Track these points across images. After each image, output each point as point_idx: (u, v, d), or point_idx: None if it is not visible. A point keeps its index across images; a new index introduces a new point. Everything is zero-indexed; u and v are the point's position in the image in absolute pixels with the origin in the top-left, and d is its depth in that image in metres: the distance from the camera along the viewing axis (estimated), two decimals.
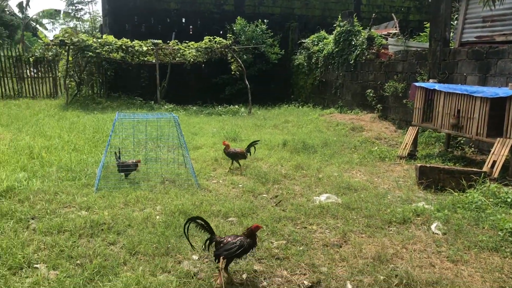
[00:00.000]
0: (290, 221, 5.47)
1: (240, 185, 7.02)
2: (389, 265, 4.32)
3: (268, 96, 20.97)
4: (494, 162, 7.08)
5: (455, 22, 12.61)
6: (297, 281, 4.05)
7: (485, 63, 9.62)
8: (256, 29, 19.75)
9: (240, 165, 8.00)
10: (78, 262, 4.24)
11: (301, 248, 4.69)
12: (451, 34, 11.82)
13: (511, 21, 10.02)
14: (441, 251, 4.66)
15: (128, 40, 16.85)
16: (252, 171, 7.73)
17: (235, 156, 7.93)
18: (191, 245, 4.25)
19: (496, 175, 6.90)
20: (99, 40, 16.66)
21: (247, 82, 17.31)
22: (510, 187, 6.54)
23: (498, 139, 7.31)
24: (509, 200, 5.87)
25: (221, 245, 3.91)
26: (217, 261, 3.96)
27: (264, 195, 6.56)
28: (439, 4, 10.90)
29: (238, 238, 3.94)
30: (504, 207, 5.74)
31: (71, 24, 37.64)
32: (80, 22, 37.06)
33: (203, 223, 4.00)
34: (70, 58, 17.17)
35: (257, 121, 14.18)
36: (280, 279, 4.09)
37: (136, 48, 16.67)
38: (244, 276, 4.10)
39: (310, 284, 3.98)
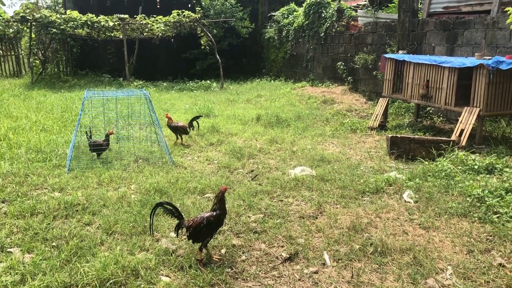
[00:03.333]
0: (266, 195, 5.53)
1: (216, 161, 7.02)
2: (364, 234, 4.43)
3: (239, 70, 20.82)
4: (462, 130, 7.28)
5: None
6: (275, 253, 4.12)
7: (452, 34, 9.77)
8: (225, 3, 19.42)
9: (181, 139, 8.01)
10: (53, 244, 4.19)
11: (278, 221, 4.76)
12: (420, 5, 11.91)
13: None
14: (413, 219, 4.81)
15: (93, 15, 16.31)
16: (227, 147, 7.72)
17: (176, 130, 7.91)
18: (152, 233, 4.26)
19: (464, 143, 7.11)
20: (62, 16, 16.07)
21: (218, 56, 17.11)
22: (477, 154, 6.75)
23: (466, 108, 7.50)
24: (476, 167, 6.06)
25: (191, 229, 3.87)
26: (192, 242, 3.98)
27: (240, 170, 6.58)
28: None
29: (205, 216, 3.89)
30: (471, 174, 5.93)
31: None
32: None
33: (171, 208, 3.93)
34: (33, 35, 16.54)
35: (230, 96, 14.11)
36: (258, 252, 4.14)
37: (102, 23, 16.17)
38: (223, 251, 4.14)
39: (288, 255, 4.06)
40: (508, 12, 6.24)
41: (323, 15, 15.08)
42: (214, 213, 3.91)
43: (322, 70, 15.60)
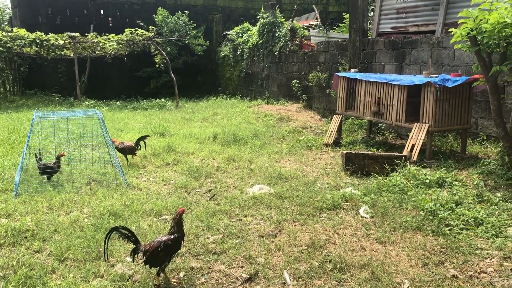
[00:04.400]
0: (225, 215, 5.47)
1: (172, 181, 6.90)
2: (322, 251, 4.46)
3: (195, 88, 20.76)
4: (413, 145, 7.54)
5: (372, 13, 13.21)
6: (235, 274, 4.07)
7: (401, 53, 10.18)
8: (178, 21, 19.41)
9: (127, 160, 7.89)
10: (0, 274, 3.95)
11: (237, 241, 4.71)
12: (369, 25, 12.36)
13: (422, 12, 10.67)
14: (370, 234, 4.89)
15: (43, 33, 15.84)
16: (183, 166, 7.62)
17: (123, 151, 7.78)
18: (106, 258, 4.11)
19: (415, 158, 7.35)
20: (9, 33, 15.50)
21: (172, 75, 16.98)
22: (428, 168, 6.99)
23: (416, 124, 7.78)
24: (427, 181, 6.28)
25: (148, 253, 3.76)
26: (149, 267, 3.87)
27: (198, 190, 6.50)
28: None
29: (163, 240, 3.80)
30: (423, 188, 6.13)
31: None
32: None
33: (126, 232, 3.83)
34: None
35: (186, 115, 14.00)
36: (218, 274, 4.08)
37: (52, 41, 15.72)
38: (182, 274, 4.04)
39: (248, 276, 4.01)
40: (452, 33, 6.57)
41: (276, 35, 15.35)
42: (172, 237, 3.82)
43: (277, 88, 15.80)
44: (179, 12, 19.77)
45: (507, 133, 6.44)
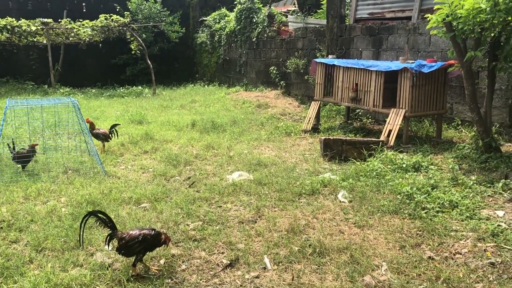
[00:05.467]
0: (205, 202, 5.47)
1: (151, 169, 6.85)
2: (302, 235, 4.50)
3: (172, 75, 20.51)
4: (390, 131, 7.64)
5: None
6: (216, 260, 4.08)
7: (378, 39, 10.25)
8: (152, 7, 19.06)
9: (104, 146, 7.87)
10: None
11: (217, 228, 4.72)
12: (347, 11, 12.39)
13: None
14: (349, 218, 4.96)
15: (14, 19, 15.37)
16: (162, 154, 7.56)
17: (97, 136, 7.76)
18: (80, 243, 4.08)
19: (392, 143, 7.46)
20: None
21: (149, 61, 16.75)
22: (404, 153, 7.11)
23: (392, 109, 7.88)
24: (404, 165, 6.39)
25: (123, 241, 3.70)
26: (120, 254, 3.84)
27: (177, 178, 6.47)
28: None
29: (143, 232, 3.74)
30: (400, 172, 6.23)
31: None
32: None
33: (104, 217, 3.77)
34: None
35: (163, 102, 13.86)
36: (198, 260, 4.08)
37: (24, 28, 15.26)
38: (162, 261, 4.03)
39: (228, 262, 4.03)
40: (428, 19, 6.63)
41: (254, 20, 15.25)
42: (153, 232, 3.78)
43: (255, 74, 15.76)
44: None
45: (481, 118, 6.59)
